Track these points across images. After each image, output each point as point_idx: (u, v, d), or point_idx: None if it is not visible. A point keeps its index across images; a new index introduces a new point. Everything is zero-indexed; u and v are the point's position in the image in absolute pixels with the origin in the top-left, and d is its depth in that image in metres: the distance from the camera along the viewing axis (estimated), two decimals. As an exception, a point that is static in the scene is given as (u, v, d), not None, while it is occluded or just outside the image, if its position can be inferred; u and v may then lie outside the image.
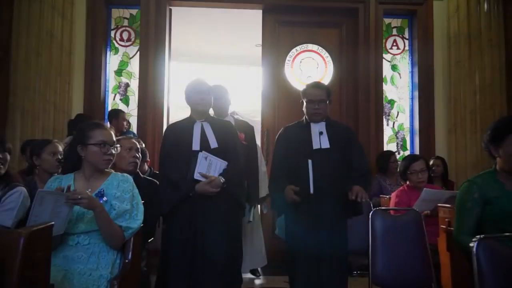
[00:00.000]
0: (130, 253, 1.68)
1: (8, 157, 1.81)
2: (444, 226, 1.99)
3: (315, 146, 2.32)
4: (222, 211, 2.17)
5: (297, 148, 2.35)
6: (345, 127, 2.52)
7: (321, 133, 2.34)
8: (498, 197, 1.75)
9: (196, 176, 2.11)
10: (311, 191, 2.19)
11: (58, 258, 1.57)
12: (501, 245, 1.20)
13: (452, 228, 1.82)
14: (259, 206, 3.23)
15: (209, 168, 2.15)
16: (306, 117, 2.44)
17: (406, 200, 2.61)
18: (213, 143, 2.24)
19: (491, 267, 1.11)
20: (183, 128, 2.32)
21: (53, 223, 1.28)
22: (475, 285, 1.10)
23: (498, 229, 1.68)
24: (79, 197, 1.57)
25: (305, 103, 2.41)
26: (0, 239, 0.97)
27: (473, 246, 1.15)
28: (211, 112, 2.55)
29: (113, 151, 1.81)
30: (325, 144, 2.32)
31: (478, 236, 1.17)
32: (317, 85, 2.50)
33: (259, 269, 3.37)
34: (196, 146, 2.23)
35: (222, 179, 2.14)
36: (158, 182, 2.40)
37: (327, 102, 2.39)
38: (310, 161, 2.21)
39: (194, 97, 2.31)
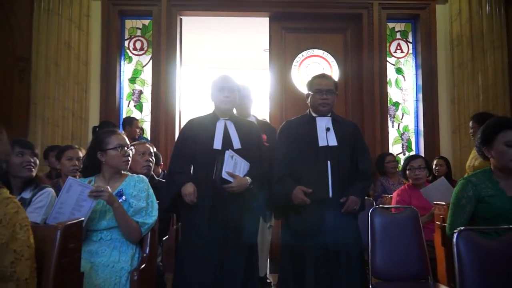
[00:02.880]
0: (148, 248, 1.84)
1: (37, 161, 2.00)
2: (439, 223, 2.10)
3: (322, 143, 2.17)
4: (242, 212, 2.10)
5: (302, 145, 2.20)
6: (353, 124, 2.41)
7: (328, 129, 2.20)
8: (491, 195, 1.85)
9: (224, 175, 2.02)
10: (330, 194, 2.08)
11: (84, 252, 1.73)
12: (479, 236, 1.32)
13: (446, 224, 1.94)
14: None
15: (234, 168, 2.05)
16: (311, 110, 2.30)
17: (407, 198, 2.73)
18: (237, 144, 2.14)
19: (470, 256, 1.24)
20: (204, 125, 2.21)
21: (83, 218, 1.46)
22: (455, 273, 1.23)
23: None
24: (102, 189, 1.75)
25: (311, 94, 2.27)
26: (41, 232, 1.15)
27: (453, 237, 1.28)
28: (234, 110, 2.41)
29: (130, 152, 1.99)
30: (332, 141, 2.18)
31: (458, 228, 1.29)
32: (325, 75, 2.39)
33: (268, 277, 3.29)
34: (217, 145, 2.12)
35: (249, 179, 2.08)
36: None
37: (335, 93, 2.28)
38: (329, 162, 2.09)
39: (218, 95, 2.19)
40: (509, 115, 4.18)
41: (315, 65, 4.63)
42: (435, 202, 2.28)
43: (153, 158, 2.71)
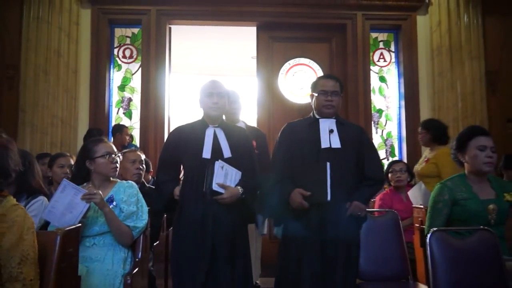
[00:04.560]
0: (140, 253, 1.91)
1: None
2: (417, 225, 2.22)
3: (324, 145, 2.08)
4: (235, 222, 2.05)
5: (303, 147, 2.12)
6: (358, 127, 2.32)
7: (331, 131, 2.10)
8: (465, 198, 1.98)
9: (215, 187, 1.97)
10: (328, 198, 1.97)
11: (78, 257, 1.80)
12: (451, 236, 1.44)
13: (424, 226, 2.05)
14: None
15: (225, 178, 2.00)
16: (315, 112, 2.22)
17: (389, 202, 2.86)
18: (227, 152, 2.07)
19: (441, 254, 1.35)
20: (193, 132, 2.13)
21: (80, 225, 1.53)
22: (428, 270, 1.33)
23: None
24: (94, 192, 1.83)
25: (315, 96, 2.19)
26: (42, 238, 1.23)
27: (427, 237, 1.39)
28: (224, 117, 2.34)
29: (118, 159, 2.06)
30: (336, 143, 2.08)
31: (431, 229, 1.40)
32: (330, 76, 2.30)
33: (257, 281, 3.27)
34: (207, 154, 2.05)
35: (241, 190, 2.02)
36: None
37: (340, 95, 2.19)
38: (328, 164, 1.99)
39: (207, 101, 2.11)
40: (486, 122, 4.37)
41: (302, 73, 4.76)
42: (413, 206, 2.40)
43: (144, 165, 2.77)
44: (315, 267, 2.00)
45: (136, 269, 1.85)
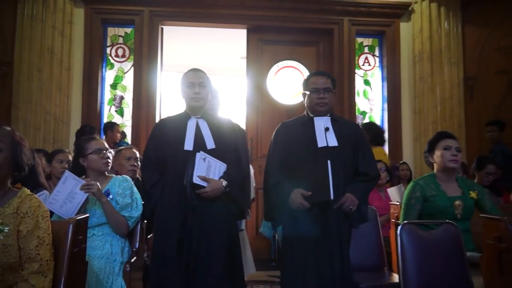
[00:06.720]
0: (137, 243, 2.06)
1: None
2: (393, 220, 2.42)
3: (321, 144, 2.01)
4: (220, 217, 1.96)
5: (299, 147, 2.05)
6: (354, 124, 2.28)
7: (326, 129, 2.04)
8: (434, 195, 2.20)
9: (196, 180, 1.87)
10: (331, 196, 1.86)
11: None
12: (419, 228, 1.62)
13: (399, 222, 2.25)
14: None
15: (208, 171, 1.90)
16: (309, 110, 2.14)
17: (369, 199, 3.04)
18: (210, 144, 1.99)
19: (410, 245, 1.53)
20: (175, 125, 2.07)
21: (88, 215, 1.67)
22: (398, 259, 1.51)
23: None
24: (92, 183, 1.97)
25: (307, 94, 2.11)
26: (56, 226, 1.38)
27: (397, 229, 1.57)
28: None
29: (109, 155, 2.20)
30: (332, 141, 2.01)
31: (402, 222, 1.59)
32: (321, 72, 2.23)
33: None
34: (189, 146, 1.97)
35: (224, 182, 1.94)
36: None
37: (333, 91, 2.11)
38: (329, 162, 1.90)
39: (188, 91, 2.05)
40: (463, 126, 4.63)
41: (290, 75, 4.93)
42: (390, 203, 2.60)
43: (139, 162, 2.90)
44: (323, 267, 1.92)
45: (134, 258, 1.99)
